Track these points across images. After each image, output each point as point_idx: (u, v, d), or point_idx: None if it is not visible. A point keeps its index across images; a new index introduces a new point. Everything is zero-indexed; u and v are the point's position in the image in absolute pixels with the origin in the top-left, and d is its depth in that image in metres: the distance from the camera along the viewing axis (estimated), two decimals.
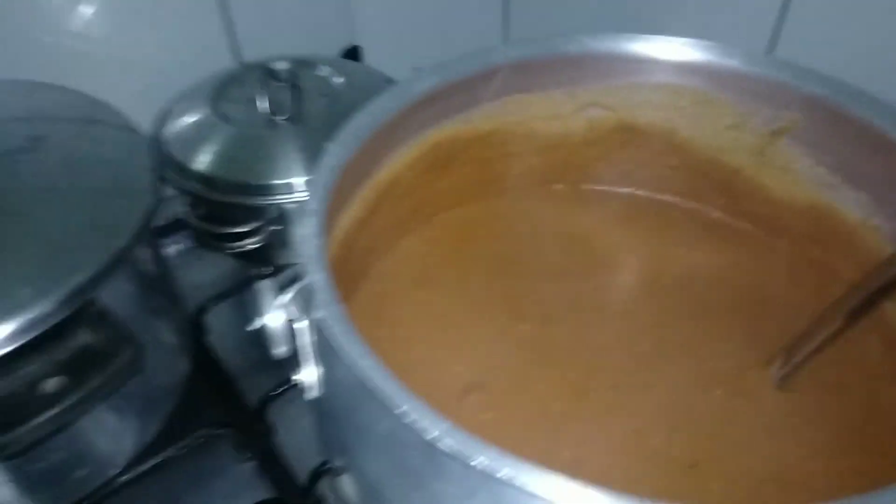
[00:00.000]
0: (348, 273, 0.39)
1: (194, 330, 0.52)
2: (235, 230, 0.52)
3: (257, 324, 0.26)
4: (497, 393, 0.37)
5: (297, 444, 0.47)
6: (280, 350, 0.26)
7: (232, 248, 0.53)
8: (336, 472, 0.30)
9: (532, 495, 0.20)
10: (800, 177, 0.38)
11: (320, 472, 0.43)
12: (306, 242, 0.27)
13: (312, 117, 0.53)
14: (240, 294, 0.55)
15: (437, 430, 0.22)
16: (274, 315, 0.26)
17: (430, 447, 0.22)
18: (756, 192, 0.40)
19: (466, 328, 0.40)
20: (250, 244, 0.52)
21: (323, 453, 0.41)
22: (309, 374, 0.28)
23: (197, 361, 0.50)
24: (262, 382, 0.50)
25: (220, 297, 0.55)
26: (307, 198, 0.29)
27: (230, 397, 0.50)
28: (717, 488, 0.33)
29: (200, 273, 0.58)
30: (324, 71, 0.56)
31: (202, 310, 0.53)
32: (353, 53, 0.71)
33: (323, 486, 0.42)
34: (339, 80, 0.56)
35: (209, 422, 0.48)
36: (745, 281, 0.41)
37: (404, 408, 0.22)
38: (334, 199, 0.32)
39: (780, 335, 0.37)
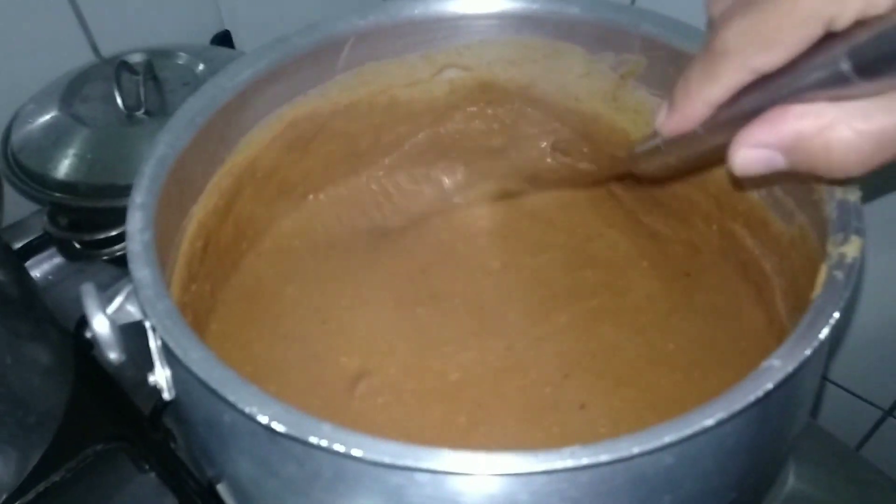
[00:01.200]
0: (215, 268, 0.37)
1: (77, 346, 0.49)
2: (107, 235, 0.50)
3: (88, 332, 0.25)
4: (388, 376, 0.37)
5: None
6: (113, 356, 0.25)
7: (107, 255, 0.51)
8: (214, 482, 0.29)
9: (362, 461, 0.20)
10: (651, 117, 0.38)
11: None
12: (132, 239, 0.26)
13: (174, 108, 0.50)
14: None
15: (269, 412, 0.21)
16: (99, 320, 0.24)
17: (270, 432, 0.21)
18: (614, 137, 0.40)
19: (349, 317, 0.39)
20: (124, 248, 0.50)
21: (197, 465, 0.40)
22: (160, 376, 0.27)
23: (82, 377, 0.48)
24: (155, 390, 0.47)
25: None
26: (133, 192, 0.27)
27: (121, 409, 0.48)
28: (603, 424, 0.34)
29: (80, 285, 0.55)
30: (183, 59, 0.54)
31: (83, 324, 0.51)
32: (224, 39, 0.68)
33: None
34: (200, 67, 0.53)
35: (101, 437, 0.46)
36: (618, 223, 0.42)
37: (235, 396, 0.21)
38: (174, 191, 0.30)
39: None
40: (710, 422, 0.19)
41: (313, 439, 0.20)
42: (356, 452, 0.20)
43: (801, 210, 0.31)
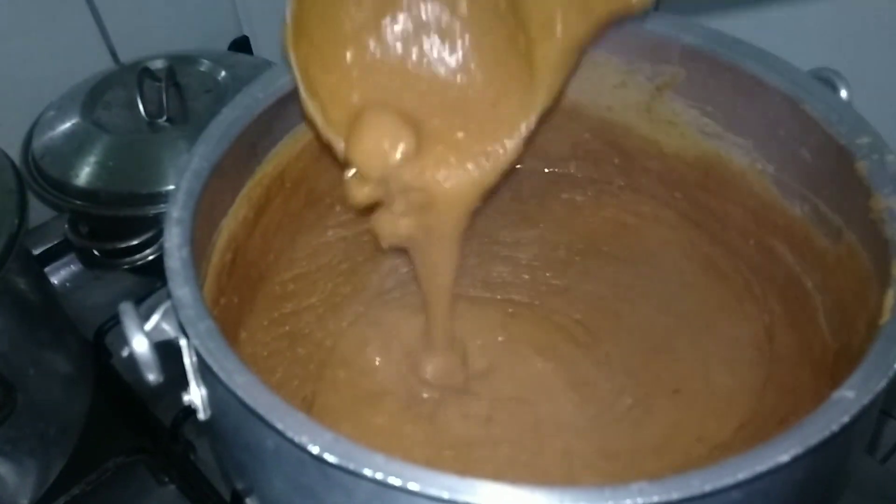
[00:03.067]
0: (242, 281, 0.37)
1: (96, 355, 0.49)
2: (128, 244, 0.49)
3: (125, 352, 0.24)
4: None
5: None
6: (152, 377, 0.24)
7: (128, 264, 0.50)
8: (243, 495, 0.29)
9: (421, 496, 0.19)
10: (687, 129, 0.38)
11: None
12: (170, 255, 0.25)
13: (197, 116, 0.50)
14: None
15: (319, 442, 0.20)
16: (138, 340, 0.24)
17: (319, 461, 0.20)
18: (648, 149, 0.40)
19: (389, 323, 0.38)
20: (146, 257, 0.49)
21: (226, 477, 0.40)
22: (195, 395, 0.27)
23: (102, 387, 0.47)
24: (175, 401, 0.47)
25: None
26: (169, 207, 0.27)
27: (141, 420, 0.47)
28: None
29: (98, 294, 0.55)
30: (205, 66, 0.53)
31: (102, 332, 0.50)
32: (242, 45, 0.68)
33: None
34: (222, 74, 0.52)
35: (121, 449, 0.45)
36: (647, 234, 0.41)
37: (283, 423, 0.21)
38: (206, 204, 0.30)
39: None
40: (785, 458, 0.19)
41: (367, 472, 0.19)
42: (412, 486, 0.19)
43: (851, 229, 0.30)
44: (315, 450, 0.20)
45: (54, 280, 0.55)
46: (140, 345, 0.24)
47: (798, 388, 0.33)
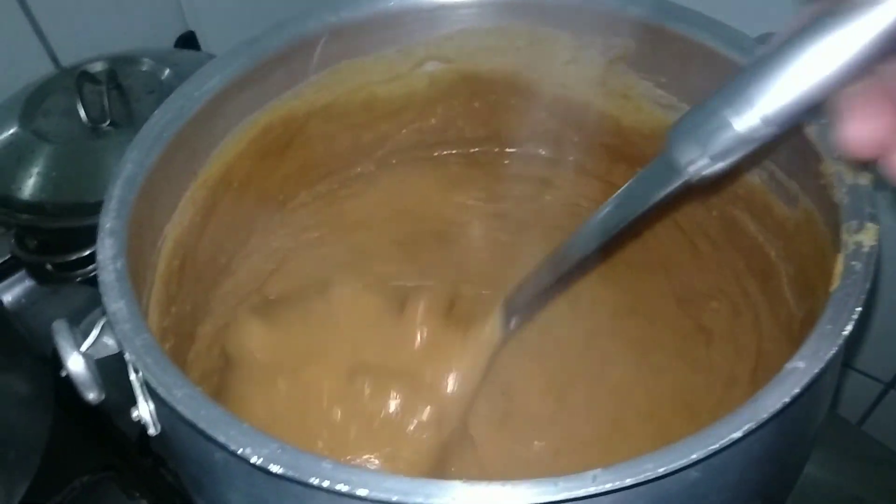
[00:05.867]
0: (195, 288, 0.36)
1: (54, 372, 0.47)
2: (80, 255, 0.48)
3: (63, 372, 0.23)
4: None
5: None
6: (92, 396, 0.23)
7: (81, 276, 0.49)
8: None
9: (371, 501, 0.18)
10: (642, 102, 0.37)
11: None
12: (104, 268, 0.24)
13: (142, 118, 0.47)
14: None
15: (264, 453, 0.19)
16: (74, 360, 0.22)
17: (267, 473, 0.20)
18: (605, 124, 0.39)
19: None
20: None
21: (185, 493, 0.39)
22: (144, 411, 0.26)
23: (63, 405, 0.46)
24: None
25: None
26: (101, 217, 0.26)
27: (107, 436, 0.46)
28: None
29: (54, 308, 0.53)
30: (147, 65, 0.51)
31: None
32: (189, 40, 0.65)
33: None
34: (166, 72, 0.51)
35: (87, 467, 0.44)
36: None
37: (226, 436, 0.20)
38: (144, 211, 0.28)
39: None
40: (737, 434, 0.18)
41: (314, 480, 0.18)
42: (361, 492, 0.18)
43: (806, 194, 0.30)
44: (258, 461, 0.19)
45: (6, 298, 0.53)
46: (76, 364, 0.23)
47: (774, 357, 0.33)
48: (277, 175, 0.39)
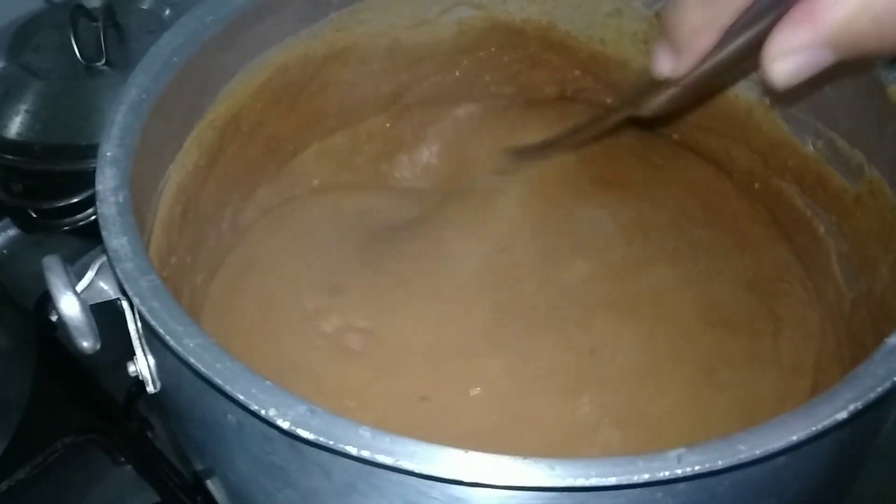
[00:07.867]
0: (197, 238, 0.33)
1: (37, 326, 0.44)
2: (68, 202, 0.45)
3: (53, 315, 0.20)
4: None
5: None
6: (87, 344, 0.20)
7: (68, 225, 0.46)
8: (203, 477, 0.25)
9: (416, 475, 0.16)
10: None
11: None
12: (104, 200, 0.21)
13: (139, 59, 0.45)
14: None
15: (291, 416, 0.17)
16: (67, 301, 0.20)
17: (291, 438, 0.17)
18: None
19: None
20: (89, 216, 0.44)
21: (182, 457, 0.36)
22: (142, 365, 0.23)
23: (45, 362, 0.43)
24: (129, 374, 0.43)
25: None
26: (102, 144, 0.22)
27: (91, 396, 0.43)
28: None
29: (39, 260, 0.49)
30: (147, 3, 0.48)
31: (44, 302, 0.45)
32: None
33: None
34: (167, 12, 0.47)
35: (70, 428, 0.41)
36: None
37: (246, 394, 0.17)
38: (148, 145, 0.25)
39: None
40: (843, 414, 0.16)
41: (352, 449, 0.16)
42: (406, 465, 0.16)
43: (874, 164, 0.28)
44: (285, 424, 0.16)
45: None
46: (69, 306, 0.20)
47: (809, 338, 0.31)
48: (290, 122, 0.36)
